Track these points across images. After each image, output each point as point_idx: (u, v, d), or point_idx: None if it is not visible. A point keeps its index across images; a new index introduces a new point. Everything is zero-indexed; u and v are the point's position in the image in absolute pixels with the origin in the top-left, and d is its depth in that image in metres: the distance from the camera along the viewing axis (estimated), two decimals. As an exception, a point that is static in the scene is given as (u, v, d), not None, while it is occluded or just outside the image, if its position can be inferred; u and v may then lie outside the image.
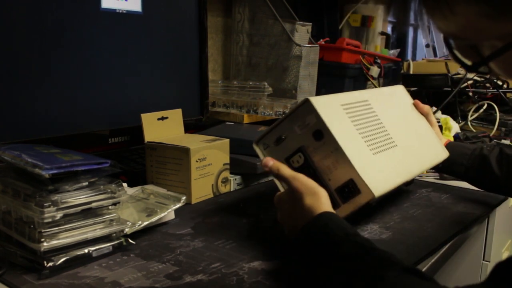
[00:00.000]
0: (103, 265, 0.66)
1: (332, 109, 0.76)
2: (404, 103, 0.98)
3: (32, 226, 0.63)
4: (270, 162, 0.73)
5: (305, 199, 0.67)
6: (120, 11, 0.99)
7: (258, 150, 0.79)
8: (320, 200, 0.66)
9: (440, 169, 0.99)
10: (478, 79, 1.65)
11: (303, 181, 0.69)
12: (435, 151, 0.94)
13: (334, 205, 0.71)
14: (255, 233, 0.78)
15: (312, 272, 0.62)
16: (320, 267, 0.60)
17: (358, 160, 0.71)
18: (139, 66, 1.04)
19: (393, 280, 0.51)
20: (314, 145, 0.73)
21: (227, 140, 0.97)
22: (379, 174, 0.75)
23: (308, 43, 1.49)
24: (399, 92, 1.00)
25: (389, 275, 0.52)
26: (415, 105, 0.99)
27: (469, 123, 1.57)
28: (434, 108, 1.54)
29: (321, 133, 0.73)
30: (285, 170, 0.71)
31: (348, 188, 0.71)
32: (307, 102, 0.73)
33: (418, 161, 0.87)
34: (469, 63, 0.48)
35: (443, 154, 0.95)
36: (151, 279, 0.62)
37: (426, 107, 0.99)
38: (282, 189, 0.76)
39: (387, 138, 0.83)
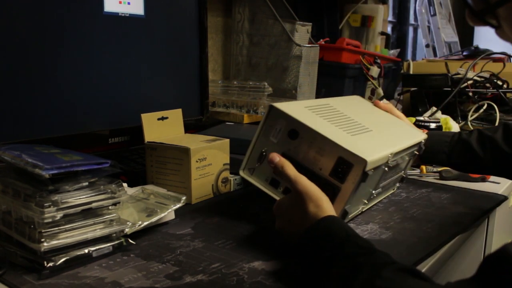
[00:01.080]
0: (103, 265, 0.66)
1: (298, 109, 0.78)
2: (365, 105, 1.03)
3: (32, 226, 0.63)
4: (277, 158, 0.73)
5: (309, 205, 0.67)
6: (123, 15, 1.00)
7: (246, 177, 0.81)
8: (323, 206, 0.67)
9: (422, 159, 1.01)
10: (478, 79, 1.65)
11: (306, 184, 0.69)
12: (413, 132, 0.97)
13: (334, 191, 0.72)
14: (255, 233, 0.78)
15: (313, 273, 0.62)
16: (321, 268, 0.60)
17: (339, 139, 0.73)
18: (139, 66, 1.04)
19: (391, 277, 0.51)
20: (293, 145, 0.75)
21: (227, 140, 0.97)
22: (365, 146, 0.76)
23: (308, 43, 1.49)
24: (356, 99, 1.05)
25: (387, 274, 0.52)
26: (376, 105, 1.03)
27: (469, 123, 1.57)
28: (434, 108, 1.54)
29: (295, 131, 0.75)
30: (290, 170, 0.71)
31: (341, 167, 0.73)
32: (272, 109, 0.76)
33: (399, 138, 0.89)
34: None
35: (421, 135, 0.96)
36: (151, 279, 0.62)
37: (387, 105, 1.04)
38: (277, 198, 0.77)
39: (360, 126, 0.85)
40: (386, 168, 0.81)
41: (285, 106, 0.76)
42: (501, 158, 0.94)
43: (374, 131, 0.85)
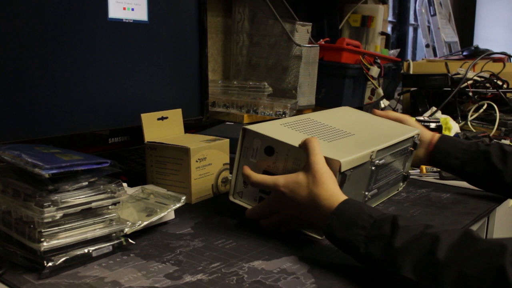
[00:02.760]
0: (103, 265, 0.66)
1: (272, 127, 0.81)
2: (353, 113, 1.03)
3: (32, 226, 0.63)
4: (246, 172, 0.77)
5: (306, 191, 0.70)
6: (127, 21, 1.00)
7: (237, 201, 0.83)
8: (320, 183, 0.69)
9: (432, 159, 0.98)
10: (478, 79, 1.65)
11: (287, 179, 0.72)
12: (404, 129, 0.96)
13: None
14: (255, 233, 0.78)
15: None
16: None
17: None
18: (139, 66, 1.04)
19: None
20: (271, 161, 0.77)
21: (227, 140, 0.98)
22: (340, 149, 0.78)
23: (308, 43, 1.49)
24: (345, 110, 1.05)
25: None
26: (373, 113, 1.02)
27: (469, 123, 1.57)
28: (434, 108, 1.54)
29: (270, 147, 0.77)
30: (255, 177, 0.76)
31: None
32: (245, 130, 0.79)
33: (385, 137, 0.88)
34: None
35: (413, 131, 0.96)
36: (151, 278, 0.62)
37: (386, 112, 1.02)
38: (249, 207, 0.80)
39: (341, 132, 0.86)
40: (373, 167, 0.81)
41: (258, 127, 0.79)
42: None
43: (356, 135, 0.86)
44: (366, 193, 0.84)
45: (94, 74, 0.96)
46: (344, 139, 0.83)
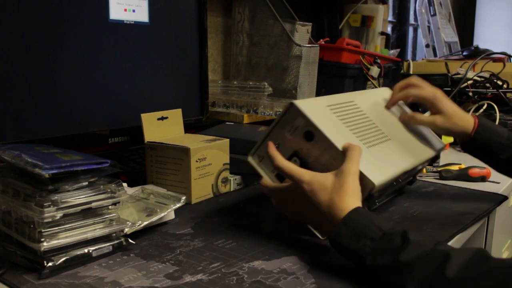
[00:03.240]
0: (103, 265, 0.66)
1: (318, 109, 0.76)
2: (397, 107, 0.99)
3: (32, 226, 0.63)
4: (271, 149, 0.74)
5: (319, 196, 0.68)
6: (128, 22, 1.00)
7: (253, 163, 0.79)
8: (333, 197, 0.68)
9: (466, 148, 0.93)
10: (478, 79, 1.65)
11: (313, 178, 0.70)
12: (431, 142, 0.94)
13: None
14: (255, 233, 0.78)
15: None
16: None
17: None
18: (139, 66, 1.04)
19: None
20: (307, 146, 0.73)
21: (227, 140, 0.98)
22: (376, 165, 0.75)
23: (308, 43, 1.49)
24: (384, 93, 1.00)
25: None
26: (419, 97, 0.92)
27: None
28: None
29: (311, 133, 0.73)
30: (291, 169, 0.72)
31: None
32: (292, 106, 0.73)
33: (414, 152, 0.87)
34: None
35: (440, 144, 0.95)
36: (151, 278, 0.62)
37: (428, 93, 0.90)
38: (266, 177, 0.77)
39: (379, 133, 0.83)
40: (394, 183, 0.81)
41: (306, 105, 0.74)
42: None
43: (392, 141, 0.84)
44: (376, 201, 0.84)
45: (94, 74, 0.96)
46: (381, 146, 0.80)
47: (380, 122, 0.86)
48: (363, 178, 0.70)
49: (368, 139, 0.79)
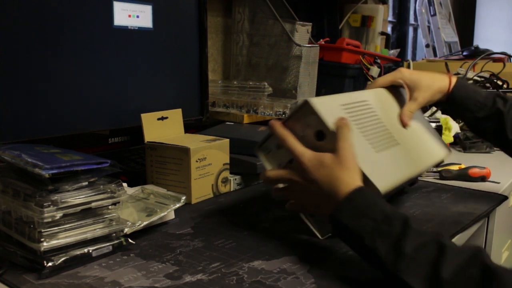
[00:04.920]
0: (103, 265, 0.66)
1: (332, 109, 0.76)
2: (402, 101, 0.98)
3: (32, 226, 0.63)
4: (279, 127, 0.74)
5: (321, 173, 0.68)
6: (132, 28, 1.01)
7: (261, 156, 0.78)
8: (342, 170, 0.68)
9: (445, 108, 0.94)
10: (478, 79, 1.65)
11: (314, 155, 0.70)
12: (437, 149, 0.94)
13: None
14: (255, 233, 0.78)
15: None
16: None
17: (362, 158, 0.71)
18: (139, 66, 1.04)
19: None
20: (317, 145, 0.73)
21: (227, 140, 0.98)
22: (384, 172, 0.75)
23: (308, 43, 1.49)
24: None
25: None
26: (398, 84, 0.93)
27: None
28: (434, 108, 1.54)
29: (323, 133, 0.72)
30: (296, 146, 0.72)
31: None
32: (307, 103, 0.73)
33: (420, 158, 0.88)
34: None
35: (445, 151, 0.95)
36: (151, 278, 0.62)
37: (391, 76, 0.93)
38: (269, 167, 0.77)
39: (389, 136, 0.83)
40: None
41: (320, 105, 0.73)
42: None
43: (400, 145, 0.84)
44: None
45: (94, 75, 0.96)
46: (389, 151, 0.80)
47: (390, 125, 0.86)
48: (369, 184, 0.70)
49: (378, 143, 0.79)
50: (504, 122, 0.89)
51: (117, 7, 0.98)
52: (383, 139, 0.81)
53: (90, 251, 0.66)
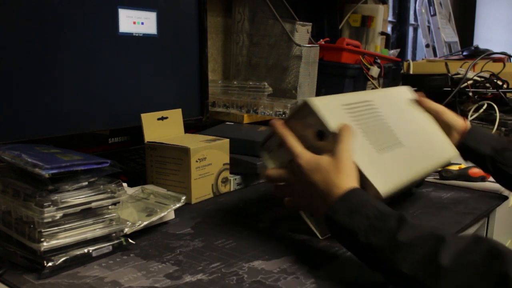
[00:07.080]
0: (103, 265, 0.66)
1: (333, 109, 0.75)
2: (410, 103, 0.98)
3: (32, 226, 0.63)
4: (279, 126, 0.74)
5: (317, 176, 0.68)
6: (137, 35, 1.01)
7: (262, 155, 0.78)
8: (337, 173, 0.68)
9: (463, 146, 0.96)
10: (478, 79, 1.65)
11: (311, 157, 0.70)
12: (444, 150, 0.93)
13: None
14: (255, 233, 0.78)
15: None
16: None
17: (362, 160, 0.71)
18: (139, 66, 1.05)
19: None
20: (317, 145, 0.73)
21: (227, 140, 0.98)
22: (385, 174, 0.74)
23: (308, 43, 1.49)
24: (403, 93, 0.99)
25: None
26: (421, 102, 0.98)
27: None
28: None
29: (323, 133, 0.72)
30: (295, 145, 0.72)
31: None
32: (307, 104, 0.73)
33: (425, 161, 0.86)
34: None
35: (452, 153, 0.94)
36: (151, 278, 0.62)
37: (434, 106, 0.98)
38: (272, 165, 0.77)
39: (393, 137, 0.82)
40: None
41: (321, 105, 0.73)
42: None
43: (405, 147, 0.83)
44: None
45: (94, 74, 0.96)
46: (392, 151, 0.79)
47: (395, 125, 0.85)
48: (370, 187, 0.70)
49: (379, 143, 0.78)
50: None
51: (122, 14, 0.98)
52: (386, 139, 0.80)
53: (90, 251, 0.66)
